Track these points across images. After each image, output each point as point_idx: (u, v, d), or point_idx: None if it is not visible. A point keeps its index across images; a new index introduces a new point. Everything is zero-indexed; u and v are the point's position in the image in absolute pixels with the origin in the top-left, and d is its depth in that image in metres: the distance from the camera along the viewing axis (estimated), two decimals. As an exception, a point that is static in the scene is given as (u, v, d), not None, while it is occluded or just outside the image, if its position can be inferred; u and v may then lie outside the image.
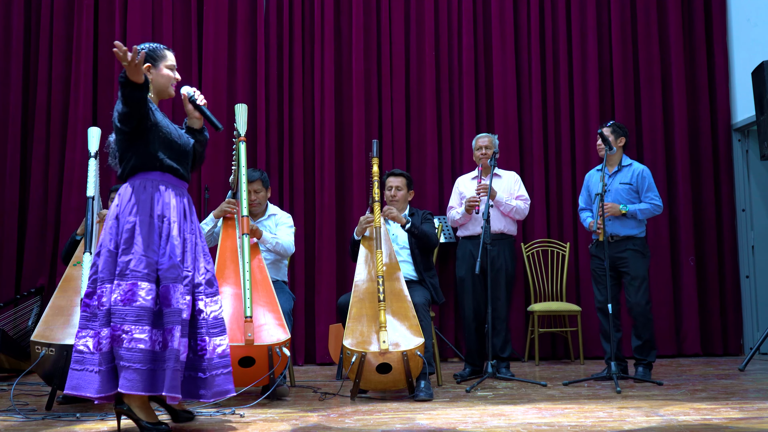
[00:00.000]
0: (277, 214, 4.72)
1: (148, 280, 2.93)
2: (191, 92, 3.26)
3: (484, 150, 4.99)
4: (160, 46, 3.20)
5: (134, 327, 2.87)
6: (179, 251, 3.03)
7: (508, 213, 4.94)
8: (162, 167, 3.08)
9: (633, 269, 4.66)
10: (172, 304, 2.95)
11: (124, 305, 2.88)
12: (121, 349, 2.85)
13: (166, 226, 3.03)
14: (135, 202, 3.02)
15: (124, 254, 2.95)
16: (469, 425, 3.13)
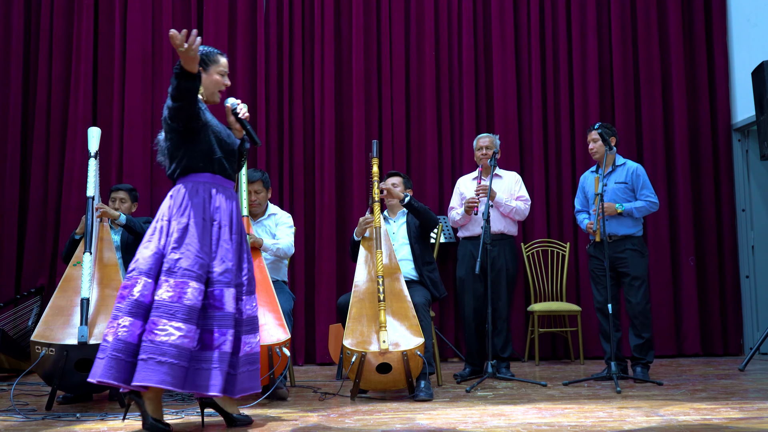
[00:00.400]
0: (277, 213, 4.71)
1: (198, 281, 2.96)
2: (235, 105, 3.28)
3: (485, 150, 4.99)
4: (215, 51, 3.22)
5: (184, 324, 2.88)
6: (231, 255, 3.08)
7: (508, 214, 4.94)
8: (212, 168, 3.12)
9: (633, 269, 4.66)
10: (225, 308, 3.00)
11: (172, 302, 2.90)
12: (165, 345, 2.85)
13: (216, 230, 3.08)
14: (188, 204, 3.07)
15: (173, 252, 2.97)
16: (469, 425, 3.13)
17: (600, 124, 4.84)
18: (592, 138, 4.82)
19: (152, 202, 5.97)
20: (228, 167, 3.18)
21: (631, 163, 4.85)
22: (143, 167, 5.99)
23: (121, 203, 4.58)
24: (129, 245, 4.48)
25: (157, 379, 2.83)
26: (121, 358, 2.87)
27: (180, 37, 2.78)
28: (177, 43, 2.79)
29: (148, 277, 2.97)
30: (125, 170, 5.99)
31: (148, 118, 6.08)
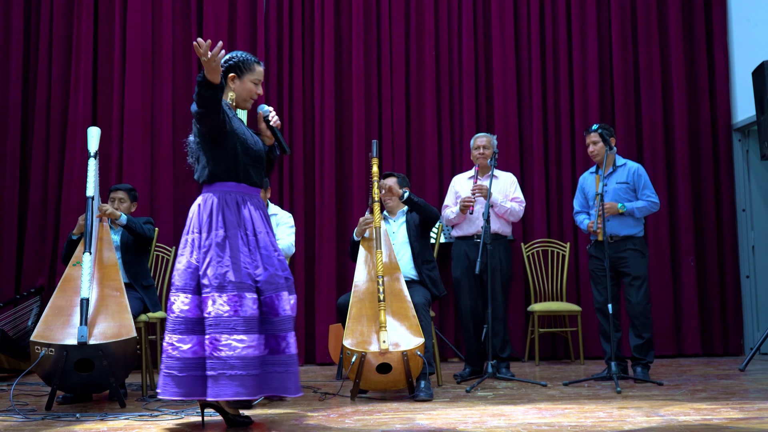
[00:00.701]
0: (278, 213, 4.71)
1: (250, 291, 3.00)
2: (267, 112, 3.28)
3: (482, 150, 4.99)
4: (252, 59, 3.22)
5: (245, 336, 2.93)
6: (273, 260, 3.10)
7: (502, 214, 4.94)
8: (238, 176, 3.13)
9: (634, 269, 4.65)
10: (280, 312, 3.04)
11: (229, 317, 2.94)
12: (232, 359, 2.91)
13: (252, 238, 3.10)
14: (220, 216, 3.07)
15: (219, 266, 2.99)
16: (469, 425, 3.13)
17: (598, 125, 4.83)
18: (592, 140, 4.81)
19: (152, 202, 5.97)
20: (254, 175, 3.18)
21: (632, 163, 4.85)
22: (143, 167, 5.99)
23: (120, 203, 4.58)
24: (129, 245, 4.48)
25: (231, 392, 2.91)
26: (175, 375, 2.96)
27: (205, 46, 2.80)
28: (201, 53, 2.81)
29: (185, 293, 3.03)
30: (125, 170, 5.98)
31: (148, 118, 6.08)
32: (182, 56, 6.18)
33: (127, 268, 4.43)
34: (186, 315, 3.00)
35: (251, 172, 3.17)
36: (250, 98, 3.23)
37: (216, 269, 2.99)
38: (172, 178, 6.01)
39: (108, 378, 3.67)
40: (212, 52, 2.81)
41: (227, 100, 3.17)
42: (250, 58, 3.23)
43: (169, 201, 5.98)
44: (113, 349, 3.69)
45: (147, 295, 4.48)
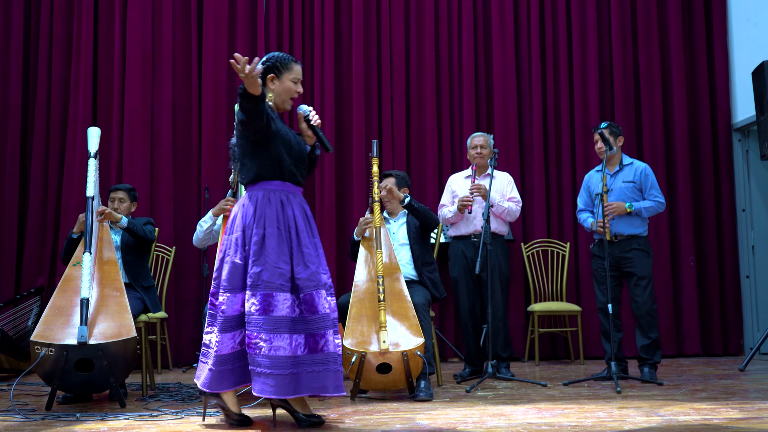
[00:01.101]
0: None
1: (282, 290, 3.03)
2: (307, 111, 3.30)
3: (479, 149, 4.99)
4: (289, 58, 3.24)
5: (273, 336, 2.97)
6: (314, 258, 3.13)
7: (499, 214, 4.94)
8: (282, 176, 3.16)
9: (639, 269, 4.64)
10: (319, 310, 3.06)
11: (259, 315, 2.98)
12: (259, 357, 2.96)
13: (294, 236, 3.12)
14: (262, 214, 3.10)
15: (255, 265, 3.04)
16: (469, 425, 3.13)
17: (606, 124, 4.82)
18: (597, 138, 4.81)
19: (152, 202, 5.97)
20: (297, 174, 3.21)
21: (639, 162, 4.83)
22: (143, 167, 5.99)
23: (120, 203, 4.58)
24: (129, 246, 4.48)
25: (258, 389, 2.97)
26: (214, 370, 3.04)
27: (243, 62, 2.84)
28: (238, 68, 2.85)
29: (229, 292, 3.07)
30: (125, 170, 5.98)
31: (148, 118, 6.08)
32: (182, 56, 6.18)
33: (128, 269, 4.43)
34: (234, 314, 3.06)
35: (294, 171, 3.20)
36: (290, 97, 3.26)
37: (252, 268, 3.04)
38: (172, 178, 6.01)
39: (108, 378, 3.67)
40: (249, 66, 2.85)
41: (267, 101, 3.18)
42: (288, 57, 3.25)
43: (169, 201, 5.98)
44: (113, 349, 3.69)
45: (147, 295, 4.48)
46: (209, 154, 6.05)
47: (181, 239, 5.88)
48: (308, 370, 3.02)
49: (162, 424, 3.25)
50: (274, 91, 3.22)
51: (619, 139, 4.79)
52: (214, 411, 3.52)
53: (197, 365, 3.22)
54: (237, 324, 3.07)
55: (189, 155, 6.11)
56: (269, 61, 3.22)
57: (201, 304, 5.65)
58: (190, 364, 5.69)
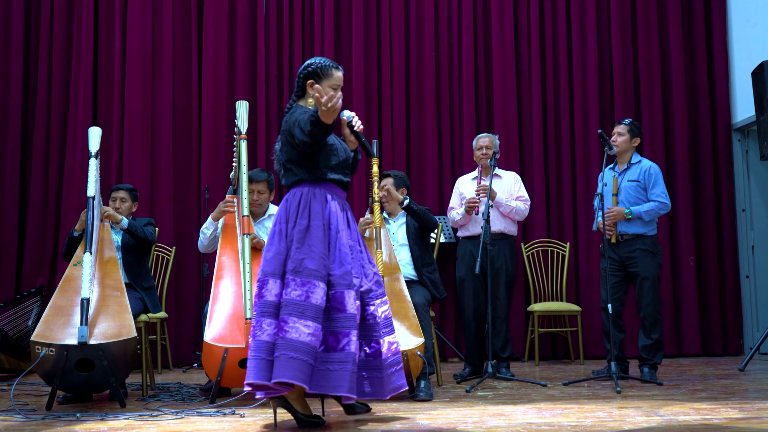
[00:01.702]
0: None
1: (323, 281, 3.05)
2: (350, 117, 3.33)
3: (485, 150, 4.99)
4: (330, 65, 3.26)
5: (312, 323, 2.97)
6: (350, 258, 3.14)
7: (508, 214, 4.94)
8: (327, 180, 3.22)
9: (643, 269, 4.63)
10: (347, 309, 3.06)
11: (300, 300, 3.00)
12: (296, 342, 2.94)
13: (334, 234, 3.16)
14: (306, 207, 3.16)
15: (297, 252, 3.06)
16: (469, 425, 3.13)
17: (630, 121, 4.82)
18: (618, 131, 4.80)
19: (152, 202, 5.97)
20: (341, 177, 3.27)
21: (647, 161, 4.81)
22: (143, 167, 5.99)
23: (122, 203, 4.58)
24: (130, 246, 4.48)
25: (290, 375, 2.91)
26: (262, 357, 2.99)
27: (326, 97, 2.89)
28: (321, 101, 2.90)
29: (273, 278, 3.08)
30: (125, 170, 5.98)
31: (148, 118, 6.08)
32: (182, 56, 6.19)
33: (128, 269, 4.43)
34: (273, 300, 3.06)
35: (338, 175, 3.25)
36: None
37: (294, 254, 3.07)
38: (172, 178, 6.01)
39: (108, 378, 3.67)
40: (332, 102, 2.91)
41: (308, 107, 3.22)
42: (329, 63, 3.27)
43: (169, 201, 5.98)
44: (113, 349, 3.69)
45: (147, 296, 4.48)
46: (209, 154, 6.05)
47: (181, 239, 5.88)
48: (321, 368, 3.01)
49: (162, 424, 3.25)
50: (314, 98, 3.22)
51: (635, 140, 4.78)
52: (215, 411, 3.53)
53: None
54: (274, 312, 3.06)
55: (189, 155, 6.11)
56: (310, 67, 3.25)
57: (201, 304, 5.65)
58: (190, 364, 5.69)
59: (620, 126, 4.81)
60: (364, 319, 3.15)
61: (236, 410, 3.53)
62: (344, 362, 3.00)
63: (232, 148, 4.70)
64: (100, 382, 3.72)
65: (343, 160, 3.27)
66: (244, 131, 4.30)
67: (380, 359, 3.13)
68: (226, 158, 5.92)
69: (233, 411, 3.52)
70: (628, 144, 4.78)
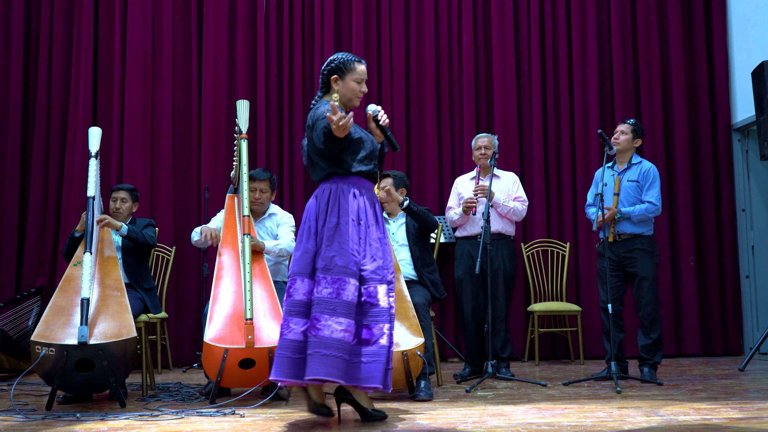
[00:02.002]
0: (278, 213, 4.71)
1: (353, 277, 3.08)
2: (376, 111, 3.37)
3: (484, 150, 4.99)
4: (353, 59, 3.31)
5: (344, 319, 3.02)
6: (381, 252, 3.18)
7: (505, 214, 4.94)
8: (355, 173, 3.24)
9: (641, 269, 4.63)
10: (380, 303, 3.11)
11: (331, 298, 3.03)
12: (329, 339, 2.99)
13: (364, 228, 3.19)
14: (335, 204, 3.18)
15: (327, 250, 3.09)
16: (469, 425, 3.13)
17: (634, 121, 4.82)
18: (621, 130, 4.80)
19: (152, 202, 5.97)
20: (369, 170, 3.29)
21: (647, 163, 4.81)
22: (143, 167, 5.99)
23: (122, 203, 4.58)
24: (130, 247, 4.48)
25: (324, 372, 2.97)
26: (288, 356, 3.05)
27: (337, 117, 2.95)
28: (332, 120, 2.96)
29: (301, 277, 3.12)
30: (125, 170, 5.98)
31: (148, 118, 6.08)
32: (182, 56, 6.19)
33: (128, 270, 4.43)
34: (301, 299, 3.10)
35: (366, 167, 3.27)
36: (355, 96, 3.32)
37: (324, 252, 3.10)
38: (172, 178, 6.01)
39: (108, 378, 3.67)
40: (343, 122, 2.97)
41: (334, 102, 3.23)
42: (351, 57, 3.31)
43: (169, 201, 5.98)
44: (113, 349, 3.69)
45: (148, 296, 4.48)
46: (209, 154, 6.05)
47: (181, 239, 5.88)
48: (355, 360, 3.07)
49: (162, 424, 3.26)
50: (339, 92, 3.29)
51: (637, 141, 4.79)
52: (215, 411, 3.53)
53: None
54: (302, 311, 3.10)
55: (189, 155, 6.11)
56: (333, 62, 3.30)
57: (201, 304, 5.65)
58: (190, 364, 5.69)
59: (624, 125, 4.81)
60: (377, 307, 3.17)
61: (236, 410, 3.53)
62: (377, 355, 3.06)
63: (232, 147, 4.70)
64: (100, 382, 3.72)
65: (370, 152, 3.29)
66: (245, 131, 4.30)
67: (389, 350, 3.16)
68: (226, 158, 5.92)
69: (233, 411, 3.52)
70: (629, 144, 4.78)
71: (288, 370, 3.05)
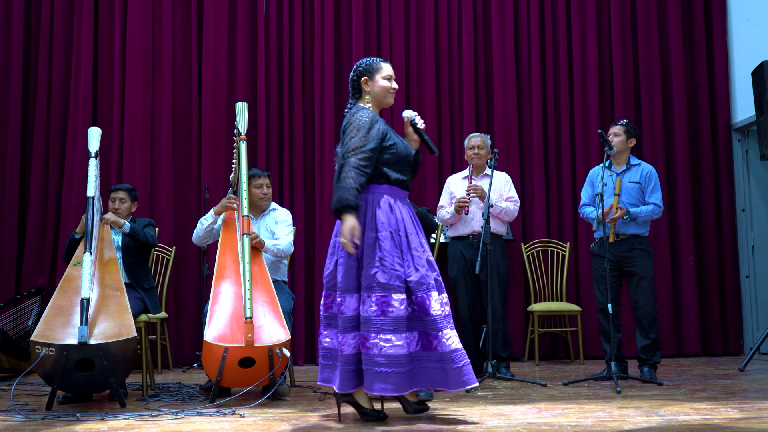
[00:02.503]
0: (277, 210, 4.73)
1: (398, 291, 3.10)
2: (413, 116, 3.41)
3: (476, 150, 5.00)
4: (377, 60, 3.39)
5: (393, 336, 3.06)
6: (424, 261, 3.19)
7: (497, 214, 4.94)
8: (389, 181, 3.26)
9: (640, 269, 4.64)
10: (431, 314, 3.12)
11: (377, 316, 3.07)
12: (378, 357, 3.05)
13: (404, 239, 3.20)
14: (372, 218, 3.19)
15: (369, 268, 3.12)
16: (469, 425, 3.13)
17: (626, 122, 4.82)
18: (614, 132, 4.80)
19: (152, 202, 5.97)
20: (404, 178, 3.30)
21: (646, 164, 4.82)
22: (143, 167, 5.99)
23: (121, 203, 4.58)
24: (130, 247, 4.48)
25: (378, 388, 3.05)
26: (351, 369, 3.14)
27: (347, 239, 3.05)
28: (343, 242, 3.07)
29: (346, 293, 3.16)
30: (125, 170, 5.98)
31: (148, 118, 6.08)
32: (182, 56, 6.19)
33: (128, 269, 4.43)
34: (352, 314, 3.15)
35: (401, 175, 3.29)
36: (388, 93, 3.36)
37: (366, 270, 3.13)
38: (172, 178, 6.01)
39: (108, 378, 3.67)
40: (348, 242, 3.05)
41: (365, 105, 3.31)
42: (377, 59, 3.40)
43: (169, 201, 5.98)
44: (113, 349, 3.69)
45: (148, 296, 4.48)
46: (209, 154, 6.05)
47: (181, 239, 5.88)
48: (422, 366, 3.13)
49: (162, 424, 3.26)
50: (371, 93, 3.36)
51: (631, 141, 4.79)
52: (215, 411, 3.53)
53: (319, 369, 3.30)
54: (354, 325, 3.15)
55: (189, 155, 6.11)
56: (360, 66, 3.40)
57: (201, 304, 5.65)
58: (190, 364, 5.69)
59: (616, 126, 4.82)
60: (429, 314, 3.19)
61: (236, 410, 3.53)
62: (443, 361, 3.10)
63: (232, 148, 4.70)
64: (100, 382, 3.72)
65: (403, 158, 3.30)
66: (244, 132, 4.30)
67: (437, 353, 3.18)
68: (226, 158, 5.92)
69: (233, 411, 3.52)
70: (624, 144, 4.78)
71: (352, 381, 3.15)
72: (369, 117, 3.23)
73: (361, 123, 3.20)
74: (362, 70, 3.37)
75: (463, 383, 3.13)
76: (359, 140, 3.17)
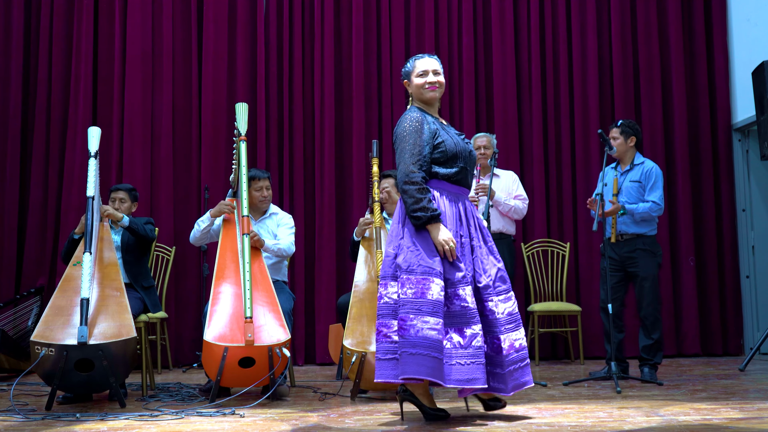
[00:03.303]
0: (278, 213, 4.73)
1: (438, 277, 3.08)
2: None
3: (483, 150, 5.00)
4: (413, 59, 3.42)
5: (428, 317, 3.02)
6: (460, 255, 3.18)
7: (506, 213, 4.95)
8: (447, 177, 3.25)
9: (642, 269, 4.63)
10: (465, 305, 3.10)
11: (416, 298, 3.05)
12: (411, 337, 3.01)
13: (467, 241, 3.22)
14: None
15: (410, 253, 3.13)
16: (470, 425, 3.13)
17: (622, 122, 4.81)
18: (613, 136, 4.79)
19: (152, 202, 5.97)
20: (461, 176, 3.29)
21: (649, 162, 4.80)
22: (143, 167, 5.99)
23: (121, 203, 4.58)
24: (129, 246, 4.48)
25: (413, 371, 2.99)
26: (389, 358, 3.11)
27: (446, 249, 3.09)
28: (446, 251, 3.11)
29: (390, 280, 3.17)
30: (125, 170, 5.98)
31: (148, 118, 6.08)
32: (182, 56, 6.19)
33: (128, 269, 4.43)
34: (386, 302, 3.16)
35: (447, 170, 3.26)
36: (424, 89, 3.33)
37: (407, 255, 3.12)
38: (172, 178, 6.01)
39: (108, 378, 3.67)
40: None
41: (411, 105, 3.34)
42: (413, 58, 3.42)
43: (169, 201, 5.98)
44: (113, 349, 3.69)
45: (147, 295, 4.48)
46: (209, 154, 6.05)
47: (181, 239, 5.88)
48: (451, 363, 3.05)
49: (162, 424, 3.25)
50: (413, 94, 3.36)
51: (631, 139, 4.78)
52: (215, 411, 3.53)
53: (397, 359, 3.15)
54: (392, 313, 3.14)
55: (189, 155, 6.11)
56: (402, 71, 3.42)
57: (201, 304, 5.65)
58: (190, 364, 5.69)
59: (613, 130, 4.81)
60: (482, 314, 3.17)
61: (236, 410, 3.53)
62: (475, 357, 3.06)
63: (232, 148, 4.69)
64: (99, 382, 3.72)
65: (451, 156, 3.26)
66: (244, 133, 4.30)
67: (501, 355, 3.15)
68: (226, 158, 5.91)
69: (233, 411, 3.52)
70: (624, 145, 4.77)
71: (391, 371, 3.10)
72: (415, 120, 3.22)
73: (410, 129, 3.20)
74: (402, 74, 3.41)
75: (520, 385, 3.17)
76: (413, 146, 3.18)
